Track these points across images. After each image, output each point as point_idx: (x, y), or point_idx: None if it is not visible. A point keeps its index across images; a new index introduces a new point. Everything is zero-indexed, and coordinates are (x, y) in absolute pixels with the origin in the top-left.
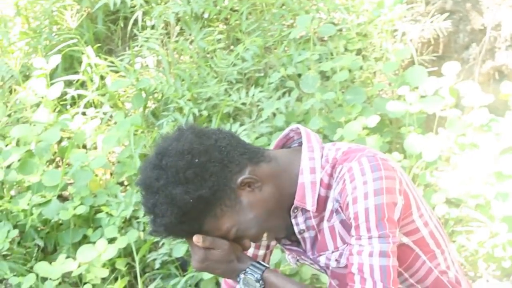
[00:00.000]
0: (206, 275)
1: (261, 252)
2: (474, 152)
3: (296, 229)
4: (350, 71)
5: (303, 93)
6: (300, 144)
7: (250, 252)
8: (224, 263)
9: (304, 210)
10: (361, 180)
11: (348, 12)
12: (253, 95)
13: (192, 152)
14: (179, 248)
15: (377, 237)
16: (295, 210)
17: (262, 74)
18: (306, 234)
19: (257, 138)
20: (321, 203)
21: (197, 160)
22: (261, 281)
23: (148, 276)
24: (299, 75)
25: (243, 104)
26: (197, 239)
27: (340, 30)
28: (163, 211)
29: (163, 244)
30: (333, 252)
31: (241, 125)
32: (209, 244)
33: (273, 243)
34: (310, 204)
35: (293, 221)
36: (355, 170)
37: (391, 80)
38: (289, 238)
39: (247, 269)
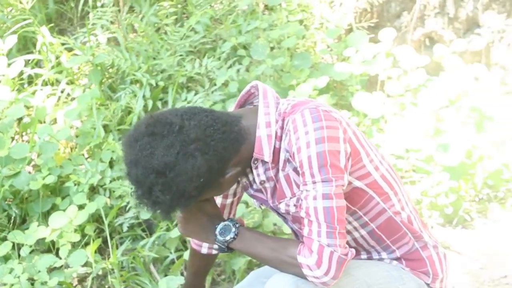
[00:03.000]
0: (174, 234)
1: (229, 200)
2: (414, 110)
3: (257, 180)
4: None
5: (253, 61)
6: None
7: (218, 202)
8: (207, 215)
9: (264, 162)
10: (303, 131)
11: None
12: (206, 64)
13: (200, 174)
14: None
15: (320, 181)
16: (255, 162)
17: (211, 46)
18: (266, 185)
19: (211, 106)
20: (276, 154)
21: (202, 180)
22: (236, 230)
23: (117, 240)
24: (244, 46)
25: (197, 74)
26: None
27: (280, 4)
28: (154, 208)
29: (129, 208)
30: (291, 198)
31: (195, 94)
32: None
33: (239, 190)
34: (267, 156)
35: (254, 172)
36: (297, 122)
37: (333, 46)
38: (249, 187)
39: (226, 221)
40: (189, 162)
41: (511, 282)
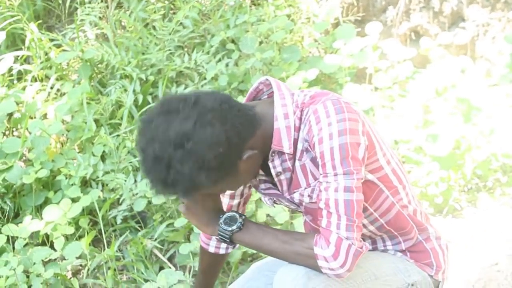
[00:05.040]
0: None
1: (236, 201)
2: (402, 102)
3: (273, 172)
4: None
5: (243, 55)
6: (269, 95)
7: (225, 203)
8: (212, 207)
9: (280, 153)
10: (326, 122)
11: None
12: (195, 59)
13: (219, 143)
14: (140, 202)
15: (342, 174)
16: (273, 154)
17: (199, 41)
18: (282, 176)
19: None
20: (294, 144)
21: (221, 150)
22: (242, 220)
23: (110, 232)
24: (233, 40)
25: (187, 68)
26: None
27: None
28: (174, 186)
29: (123, 201)
30: (305, 188)
31: (185, 88)
32: None
33: (246, 190)
34: (287, 147)
35: (270, 164)
36: (320, 113)
37: (321, 40)
38: (258, 186)
39: (232, 213)
40: (208, 129)
41: (502, 269)
